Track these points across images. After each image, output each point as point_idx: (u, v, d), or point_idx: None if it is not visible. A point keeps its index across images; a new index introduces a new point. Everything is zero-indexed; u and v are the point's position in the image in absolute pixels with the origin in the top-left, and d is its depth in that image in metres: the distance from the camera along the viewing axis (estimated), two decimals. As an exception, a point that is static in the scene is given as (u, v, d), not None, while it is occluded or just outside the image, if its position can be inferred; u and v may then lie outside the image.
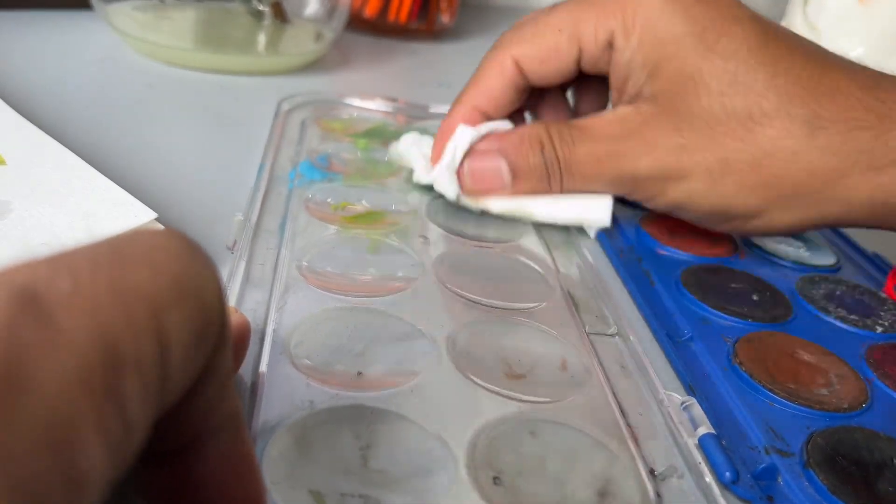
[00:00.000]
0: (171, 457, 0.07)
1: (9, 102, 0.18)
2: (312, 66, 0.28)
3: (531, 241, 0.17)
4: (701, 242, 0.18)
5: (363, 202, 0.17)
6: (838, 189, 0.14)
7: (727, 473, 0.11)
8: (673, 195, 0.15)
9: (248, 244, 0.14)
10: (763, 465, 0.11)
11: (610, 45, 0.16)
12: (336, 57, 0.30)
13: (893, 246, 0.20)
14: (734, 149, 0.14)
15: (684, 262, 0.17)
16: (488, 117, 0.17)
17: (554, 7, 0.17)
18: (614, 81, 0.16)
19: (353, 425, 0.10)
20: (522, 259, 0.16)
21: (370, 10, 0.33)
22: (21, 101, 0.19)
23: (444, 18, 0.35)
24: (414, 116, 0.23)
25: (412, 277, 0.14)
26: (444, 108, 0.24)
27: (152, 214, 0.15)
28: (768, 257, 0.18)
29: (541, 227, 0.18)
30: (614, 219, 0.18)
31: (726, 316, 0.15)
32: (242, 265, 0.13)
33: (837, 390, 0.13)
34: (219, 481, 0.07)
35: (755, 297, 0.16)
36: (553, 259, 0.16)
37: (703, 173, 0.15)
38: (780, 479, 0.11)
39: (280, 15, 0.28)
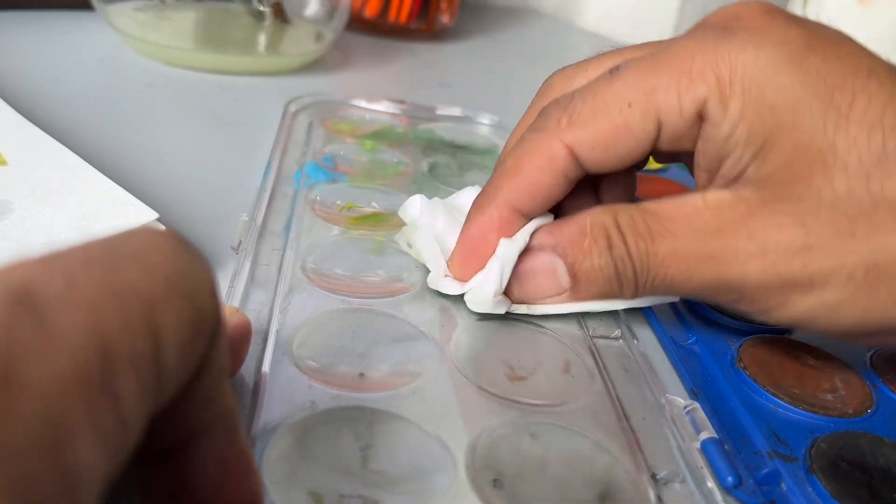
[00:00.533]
0: (166, 455, 0.07)
1: (10, 102, 0.19)
2: (313, 66, 0.28)
3: None
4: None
5: (373, 204, 0.17)
6: None
7: (729, 478, 0.11)
8: (798, 309, 0.11)
9: (253, 245, 0.14)
10: (766, 469, 0.11)
11: (700, 118, 0.12)
12: (336, 57, 0.30)
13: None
14: (888, 248, 0.11)
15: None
16: (527, 217, 0.13)
17: (615, 73, 0.12)
18: (703, 161, 0.12)
19: (354, 426, 0.10)
20: None
21: (370, 11, 0.34)
22: (22, 101, 0.20)
23: (445, 19, 0.36)
24: (420, 118, 0.23)
25: (416, 280, 0.14)
26: (450, 111, 0.24)
27: (153, 214, 0.15)
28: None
29: None
30: None
31: (731, 320, 0.15)
32: (247, 266, 0.13)
33: (842, 395, 0.13)
34: (214, 479, 0.07)
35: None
36: None
37: (843, 281, 0.11)
38: (783, 485, 0.11)
39: (280, 15, 0.29)
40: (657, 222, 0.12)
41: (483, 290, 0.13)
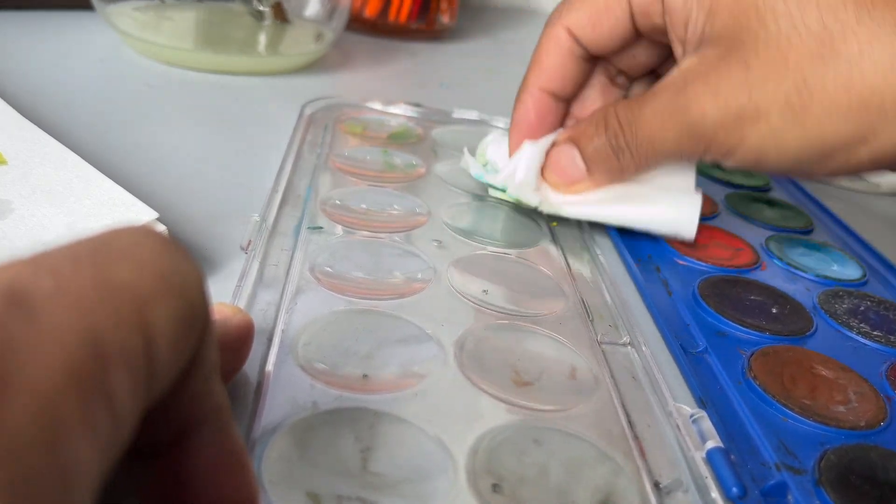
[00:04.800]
0: (159, 450, 0.07)
1: (10, 102, 0.20)
2: (313, 66, 0.30)
3: (547, 248, 0.18)
4: (722, 253, 0.19)
5: (395, 206, 0.18)
6: None
7: (734, 489, 0.11)
8: (753, 141, 0.14)
9: (262, 245, 0.15)
10: (773, 481, 0.11)
11: None
12: (336, 57, 0.31)
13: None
14: (815, 71, 0.13)
15: (703, 272, 0.18)
16: (557, 97, 0.18)
17: None
18: (674, 32, 0.16)
19: (355, 427, 0.11)
20: (537, 265, 0.17)
21: (370, 11, 0.35)
22: (22, 100, 0.21)
23: (444, 19, 0.37)
24: (436, 121, 0.24)
25: (424, 281, 0.15)
26: (467, 114, 0.25)
27: (153, 214, 0.16)
28: (792, 270, 0.19)
29: (557, 234, 0.18)
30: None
31: (743, 328, 0.16)
32: (255, 265, 0.14)
33: (855, 408, 0.14)
34: (207, 475, 0.08)
35: (774, 310, 0.17)
36: (568, 266, 0.17)
37: (782, 106, 0.14)
38: (789, 497, 0.11)
39: (280, 15, 0.30)
40: (643, 98, 0.16)
41: (514, 177, 0.18)
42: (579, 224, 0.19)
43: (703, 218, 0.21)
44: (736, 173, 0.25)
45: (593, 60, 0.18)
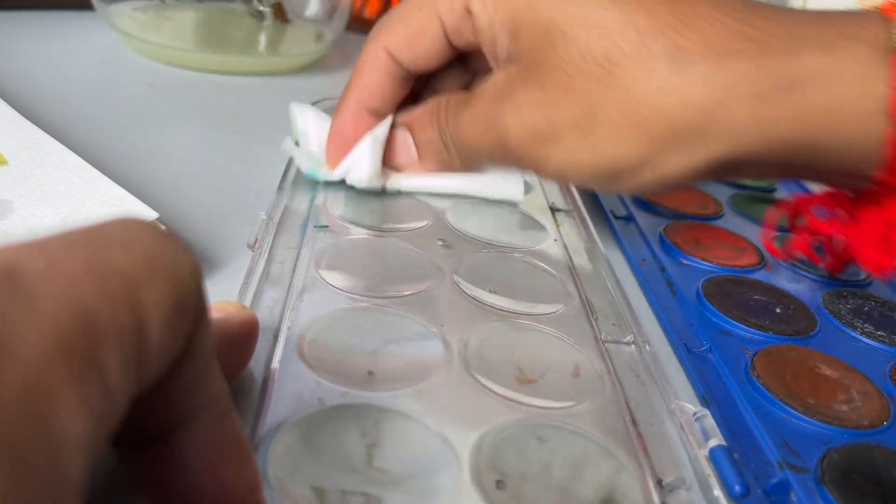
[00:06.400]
0: (159, 439, 0.08)
1: (10, 103, 0.20)
2: (313, 66, 0.30)
3: (551, 247, 0.18)
4: (726, 253, 0.19)
5: (399, 206, 0.18)
6: (722, 123, 0.14)
7: (737, 487, 0.11)
8: (554, 160, 0.16)
9: (269, 243, 0.15)
10: (775, 480, 0.12)
11: (469, 12, 0.16)
12: (337, 57, 0.32)
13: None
14: (598, 97, 0.15)
15: (707, 272, 0.18)
16: (376, 113, 0.18)
17: None
18: (487, 49, 0.17)
19: (360, 424, 0.11)
20: (542, 265, 0.17)
21: (371, 11, 0.36)
22: (23, 101, 0.21)
23: None
24: None
25: (429, 280, 0.15)
26: None
27: (153, 214, 0.16)
28: (796, 270, 0.19)
29: (561, 233, 0.19)
30: (637, 227, 0.19)
31: (746, 328, 0.16)
32: (262, 263, 0.15)
33: (858, 407, 0.14)
34: (206, 464, 0.08)
35: (778, 310, 0.17)
36: (573, 265, 0.17)
37: (573, 128, 0.15)
38: (792, 495, 0.12)
39: (281, 15, 0.30)
40: (466, 98, 0.17)
41: (358, 170, 0.18)
42: (584, 223, 0.19)
43: (708, 217, 0.22)
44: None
45: (413, 77, 0.18)
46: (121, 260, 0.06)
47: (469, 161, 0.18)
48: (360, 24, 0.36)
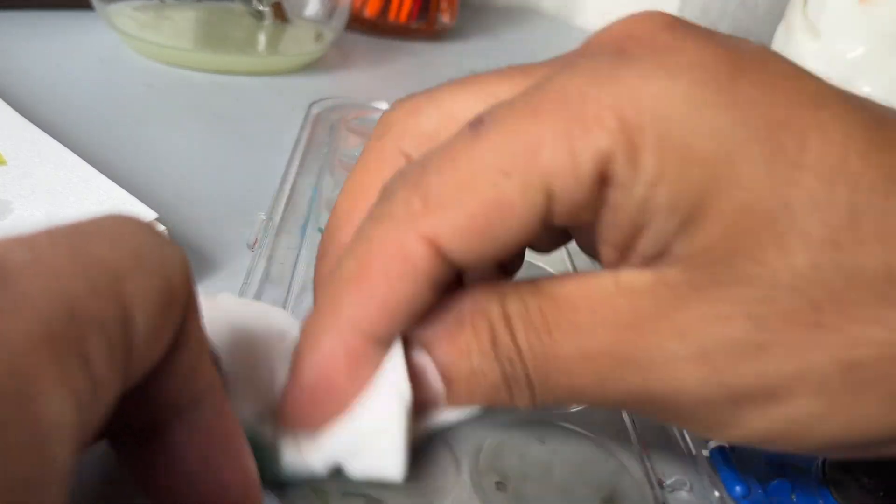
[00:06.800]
0: (151, 434, 0.08)
1: (9, 102, 0.20)
2: (312, 66, 0.30)
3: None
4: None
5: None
6: None
7: (738, 488, 0.11)
8: (756, 426, 0.09)
9: (270, 243, 0.15)
10: (777, 480, 0.12)
11: (603, 179, 0.09)
12: (336, 57, 0.32)
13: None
14: (871, 340, 0.08)
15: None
16: (385, 343, 0.10)
17: (479, 128, 0.09)
18: (611, 235, 0.09)
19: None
20: (541, 265, 0.17)
21: (370, 10, 0.36)
22: (22, 101, 0.21)
23: (445, 18, 0.37)
24: None
25: None
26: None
27: (153, 214, 0.16)
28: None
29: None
30: None
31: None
32: (262, 263, 0.15)
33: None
34: (200, 456, 0.08)
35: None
36: (573, 265, 0.17)
37: (814, 389, 0.09)
38: (793, 496, 0.12)
39: (280, 15, 0.31)
40: (556, 310, 0.09)
41: (373, 455, 0.09)
42: None
43: None
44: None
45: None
46: (107, 253, 0.06)
47: (549, 403, 0.10)
48: (360, 24, 0.36)
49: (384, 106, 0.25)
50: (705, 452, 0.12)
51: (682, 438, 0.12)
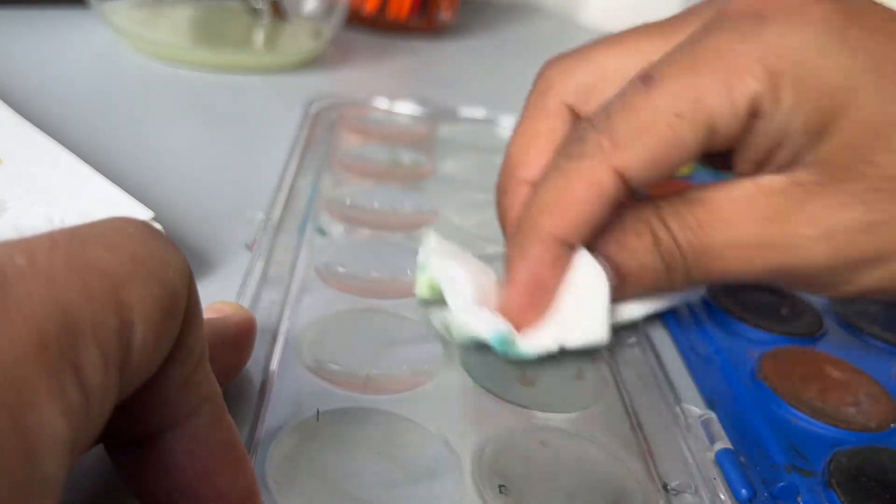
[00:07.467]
0: (149, 442, 0.08)
1: (4, 100, 0.20)
2: (311, 63, 0.30)
3: None
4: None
5: (400, 205, 0.18)
6: None
7: (743, 491, 0.11)
8: (865, 282, 0.13)
9: (268, 243, 0.15)
10: (782, 483, 0.12)
11: (753, 115, 0.12)
12: (335, 55, 0.32)
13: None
14: None
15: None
16: (571, 246, 0.13)
17: (651, 82, 0.12)
18: (752, 153, 0.13)
19: (360, 427, 0.11)
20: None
21: (369, 7, 0.35)
22: (16, 98, 0.21)
23: (444, 16, 0.37)
24: (443, 119, 0.25)
25: None
26: (474, 112, 0.25)
27: (149, 213, 0.16)
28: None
29: None
30: None
31: (753, 329, 0.16)
32: (260, 264, 0.15)
33: (866, 410, 0.14)
34: (199, 467, 0.08)
35: (784, 311, 0.17)
36: None
37: None
38: (799, 499, 0.12)
39: (278, 12, 0.30)
40: (706, 212, 0.13)
41: (579, 332, 0.13)
42: None
43: None
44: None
45: None
46: (106, 259, 0.06)
47: (707, 282, 0.14)
48: (359, 21, 0.36)
49: (384, 104, 0.25)
50: (710, 455, 0.12)
51: (686, 442, 0.12)
